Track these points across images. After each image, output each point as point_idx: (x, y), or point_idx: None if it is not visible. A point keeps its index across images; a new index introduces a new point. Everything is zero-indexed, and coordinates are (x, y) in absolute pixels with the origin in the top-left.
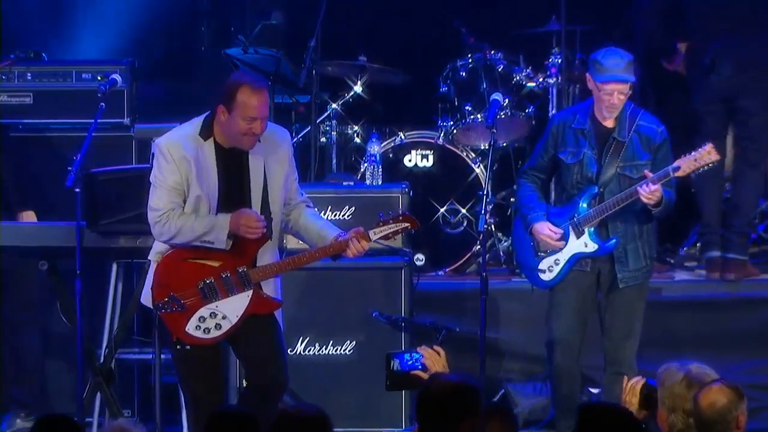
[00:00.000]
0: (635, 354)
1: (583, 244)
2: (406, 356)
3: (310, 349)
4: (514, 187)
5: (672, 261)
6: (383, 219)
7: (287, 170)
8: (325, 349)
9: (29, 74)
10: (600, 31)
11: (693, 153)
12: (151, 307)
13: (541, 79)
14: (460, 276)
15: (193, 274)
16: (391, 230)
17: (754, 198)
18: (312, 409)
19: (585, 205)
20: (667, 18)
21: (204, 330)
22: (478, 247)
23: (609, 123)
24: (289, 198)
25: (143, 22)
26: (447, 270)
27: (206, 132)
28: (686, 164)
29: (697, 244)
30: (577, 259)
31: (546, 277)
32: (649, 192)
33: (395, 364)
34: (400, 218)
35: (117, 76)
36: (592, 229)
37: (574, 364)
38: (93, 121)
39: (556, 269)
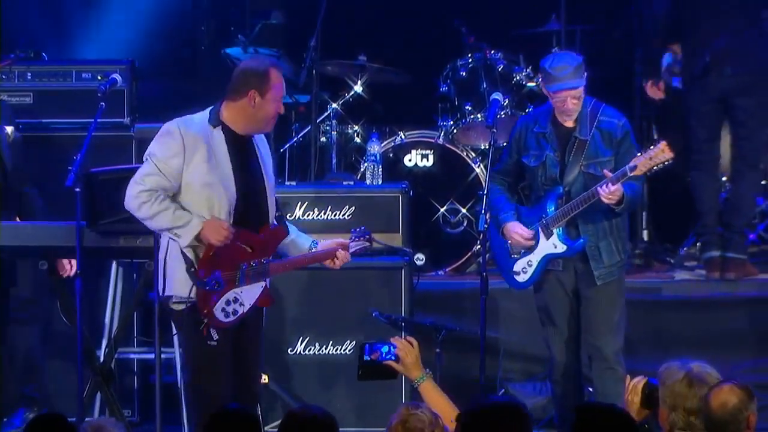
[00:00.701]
0: (621, 348)
1: (552, 245)
2: (379, 347)
3: (310, 349)
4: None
5: (672, 261)
6: (356, 236)
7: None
8: (325, 348)
9: (29, 74)
10: (600, 30)
11: (648, 151)
12: (183, 294)
13: (540, 79)
14: (460, 276)
15: (238, 257)
16: (359, 247)
17: (753, 197)
18: (319, 410)
19: (552, 206)
20: (665, 25)
21: (225, 313)
22: (478, 246)
23: (569, 123)
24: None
25: (143, 22)
26: (447, 270)
27: (215, 120)
28: (642, 163)
29: (697, 244)
30: (548, 259)
31: (521, 278)
32: (609, 193)
33: (368, 355)
34: (364, 238)
35: (117, 76)
36: (560, 229)
37: (575, 357)
38: (93, 120)
39: (530, 270)
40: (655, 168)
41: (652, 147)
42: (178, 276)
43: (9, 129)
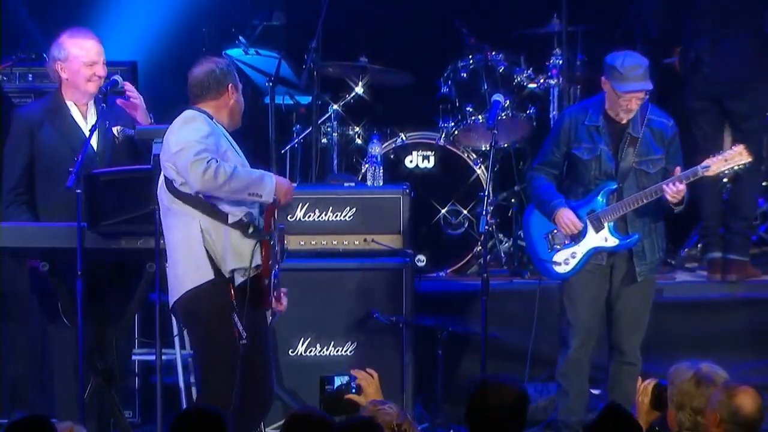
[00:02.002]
0: (640, 345)
1: (602, 238)
2: (340, 379)
3: (311, 350)
4: (515, 188)
5: (673, 262)
6: None
7: None
8: (326, 350)
9: (30, 75)
10: (601, 31)
11: (724, 153)
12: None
13: (542, 80)
14: (461, 277)
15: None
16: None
17: (754, 199)
18: (321, 412)
19: (603, 200)
20: (667, 17)
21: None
22: (480, 248)
23: (622, 119)
24: None
25: (144, 23)
26: (448, 271)
27: (210, 116)
28: (716, 164)
29: (698, 245)
30: (594, 252)
31: (561, 269)
32: (677, 191)
33: (329, 388)
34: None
35: (118, 77)
36: (612, 223)
37: (588, 356)
38: (95, 122)
39: (573, 262)
40: (726, 171)
41: (730, 149)
42: (235, 246)
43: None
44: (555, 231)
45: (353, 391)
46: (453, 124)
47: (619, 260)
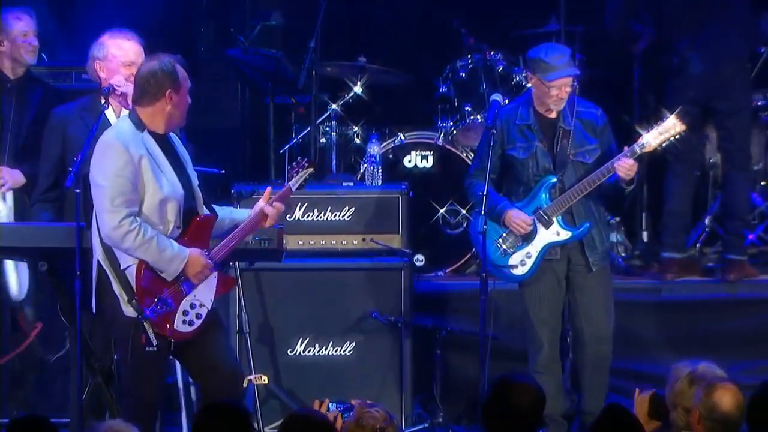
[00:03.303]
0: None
1: (554, 233)
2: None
3: (309, 350)
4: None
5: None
6: (293, 171)
7: None
8: (325, 349)
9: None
10: (599, 31)
11: (658, 126)
12: (132, 315)
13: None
14: (460, 276)
15: None
16: (303, 178)
17: (746, 198)
18: (320, 415)
19: (545, 196)
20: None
21: (188, 323)
22: None
23: (552, 114)
24: None
25: (143, 23)
26: (447, 270)
27: (140, 125)
28: (653, 138)
29: (696, 245)
30: (548, 248)
31: (519, 271)
32: (630, 166)
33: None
34: (306, 164)
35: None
36: (560, 217)
37: (557, 354)
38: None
39: (529, 262)
40: (665, 143)
41: (660, 121)
42: (126, 297)
43: None
44: (504, 234)
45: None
46: (452, 123)
47: (573, 253)
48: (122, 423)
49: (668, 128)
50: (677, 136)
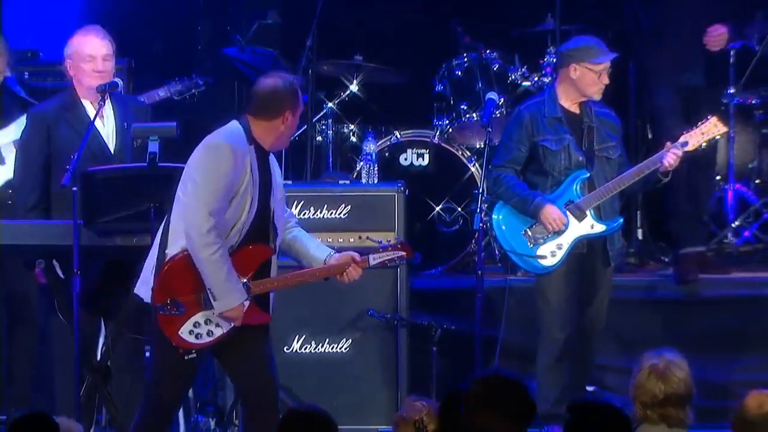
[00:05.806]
0: None
1: (588, 226)
2: None
3: (306, 347)
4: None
5: (666, 259)
6: (383, 247)
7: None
8: (321, 347)
9: (26, 73)
10: (594, 30)
11: (697, 127)
12: (148, 300)
13: (536, 79)
14: (455, 274)
15: (199, 281)
16: (388, 257)
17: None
18: (317, 408)
19: (577, 189)
20: None
21: (196, 335)
22: (474, 245)
23: (576, 109)
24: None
25: (140, 22)
26: (443, 269)
27: (250, 136)
28: (694, 138)
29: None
30: (579, 241)
31: (548, 262)
32: (678, 156)
33: None
34: (399, 246)
35: (119, 80)
36: (592, 210)
37: (571, 344)
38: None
39: (560, 253)
40: (704, 144)
41: (702, 122)
42: (146, 281)
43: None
44: (533, 226)
45: None
46: (447, 122)
47: (598, 247)
48: (67, 420)
49: (710, 129)
50: (718, 137)
